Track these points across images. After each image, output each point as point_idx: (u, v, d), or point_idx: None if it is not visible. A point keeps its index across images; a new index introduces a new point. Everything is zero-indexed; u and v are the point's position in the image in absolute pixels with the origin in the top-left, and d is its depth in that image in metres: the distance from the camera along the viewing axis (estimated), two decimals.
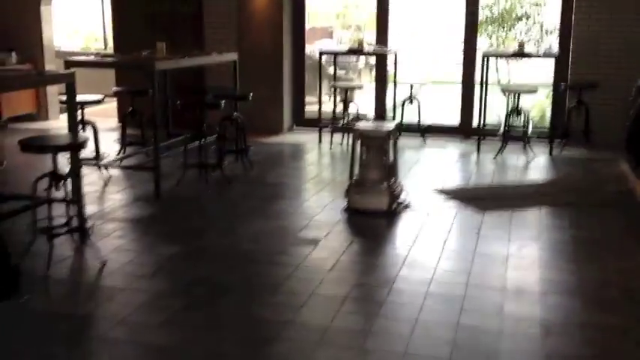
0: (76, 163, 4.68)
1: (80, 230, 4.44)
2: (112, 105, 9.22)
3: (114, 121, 9.11)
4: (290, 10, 8.62)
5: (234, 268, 4.32)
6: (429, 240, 4.80)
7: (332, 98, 8.41)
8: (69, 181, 4.38)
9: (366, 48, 8.24)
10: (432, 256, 4.49)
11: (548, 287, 4.03)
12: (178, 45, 7.29)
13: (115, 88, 7.39)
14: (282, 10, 8.43)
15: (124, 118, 7.16)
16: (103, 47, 13.19)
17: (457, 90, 8.66)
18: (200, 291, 3.95)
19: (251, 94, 6.75)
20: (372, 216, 5.30)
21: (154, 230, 5.11)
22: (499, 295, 3.91)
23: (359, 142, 5.48)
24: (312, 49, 10.40)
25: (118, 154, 7.00)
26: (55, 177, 4.17)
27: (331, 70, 9.50)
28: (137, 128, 7.17)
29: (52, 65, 9.25)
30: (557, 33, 8.28)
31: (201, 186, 6.14)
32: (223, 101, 6.29)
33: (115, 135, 7.83)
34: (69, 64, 5.76)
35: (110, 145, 7.25)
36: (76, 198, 4.54)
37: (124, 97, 8.07)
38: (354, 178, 5.51)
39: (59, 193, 4.30)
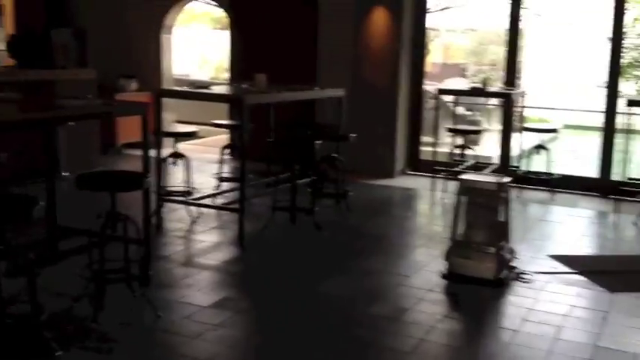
0: (147, 201, 4.30)
1: (140, 278, 4.03)
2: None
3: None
4: (409, 45, 8.01)
5: (296, 338, 3.70)
6: (539, 324, 3.94)
7: (451, 142, 7.67)
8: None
9: (492, 88, 7.45)
10: (540, 347, 3.64)
11: None
12: (289, 78, 6.89)
13: (214, 121, 7.10)
14: (400, 45, 7.83)
15: (221, 152, 6.83)
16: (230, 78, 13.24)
17: (595, 139, 7.61)
18: None
19: (353, 134, 6.13)
20: (475, 285, 4.51)
21: (224, 280, 4.63)
22: None
23: (465, 196, 4.73)
24: (439, 87, 9.73)
25: (216, 190, 6.65)
26: (114, 216, 3.80)
27: (458, 110, 8.79)
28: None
29: None
30: None
31: (289, 232, 5.62)
32: (317, 141, 5.75)
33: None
34: (161, 93, 5.51)
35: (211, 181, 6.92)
36: (143, 239, 4.15)
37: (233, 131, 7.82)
38: (457, 237, 4.75)
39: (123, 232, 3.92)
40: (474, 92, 7.48)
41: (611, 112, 7.41)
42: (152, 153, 4.64)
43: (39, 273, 3.28)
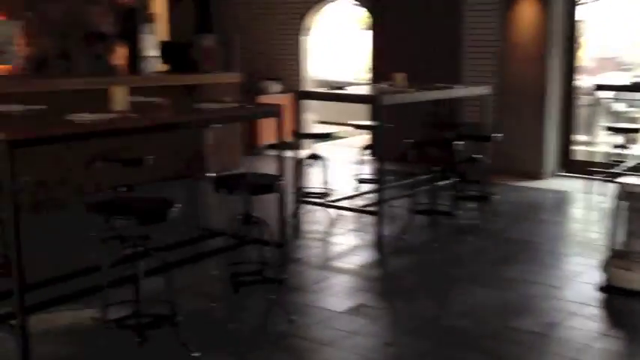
0: (282, 203, 4.27)
1: (274, 281, 4.00)
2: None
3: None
4: (560, 38, 7.48)
5: (434, 350, 3.48)
6: None
7: (608, 141, 7.06)
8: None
9: None
10: None
11: None
12: (432, 76, 6.63)
13: (353, 122, 7.01)
14: (549, 38, 7.33)
15: (361, 153, 6.72)
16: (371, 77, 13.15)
17: None
18: None
19: (496, 134, 5.78)
20: (636, 299, 4.06)
21: (360, 285, 4.50)
22: None
23: (624, 201, 4.28)
24: (596, 82, 9.08)
25: (354, 191, 6.55)
26: (248, 219, 3.81)
27: (618, 107, 8.14)
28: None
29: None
30: None
31: (429, 236, 5.39)
32: (458, 141, 5.48)
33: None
34: (300, 95, 5.50)
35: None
36: (279, 242, 4.13)
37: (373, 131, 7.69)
38: (617, 246, 4.31)
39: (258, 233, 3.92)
40: (635, 87, 6.83)
41: None
42: (291, 154, 4.64)
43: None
